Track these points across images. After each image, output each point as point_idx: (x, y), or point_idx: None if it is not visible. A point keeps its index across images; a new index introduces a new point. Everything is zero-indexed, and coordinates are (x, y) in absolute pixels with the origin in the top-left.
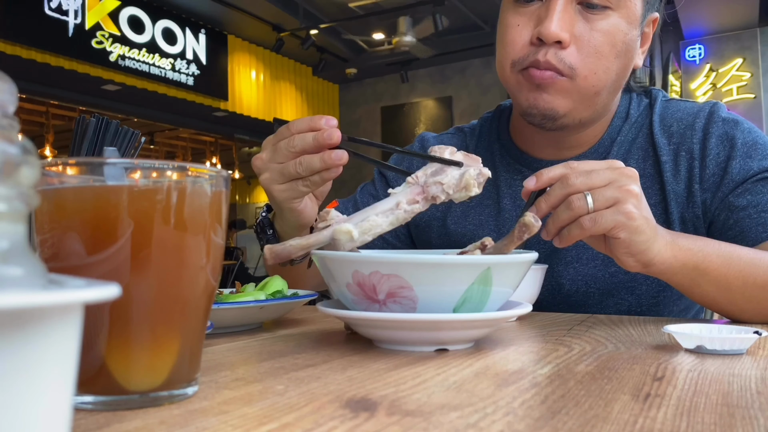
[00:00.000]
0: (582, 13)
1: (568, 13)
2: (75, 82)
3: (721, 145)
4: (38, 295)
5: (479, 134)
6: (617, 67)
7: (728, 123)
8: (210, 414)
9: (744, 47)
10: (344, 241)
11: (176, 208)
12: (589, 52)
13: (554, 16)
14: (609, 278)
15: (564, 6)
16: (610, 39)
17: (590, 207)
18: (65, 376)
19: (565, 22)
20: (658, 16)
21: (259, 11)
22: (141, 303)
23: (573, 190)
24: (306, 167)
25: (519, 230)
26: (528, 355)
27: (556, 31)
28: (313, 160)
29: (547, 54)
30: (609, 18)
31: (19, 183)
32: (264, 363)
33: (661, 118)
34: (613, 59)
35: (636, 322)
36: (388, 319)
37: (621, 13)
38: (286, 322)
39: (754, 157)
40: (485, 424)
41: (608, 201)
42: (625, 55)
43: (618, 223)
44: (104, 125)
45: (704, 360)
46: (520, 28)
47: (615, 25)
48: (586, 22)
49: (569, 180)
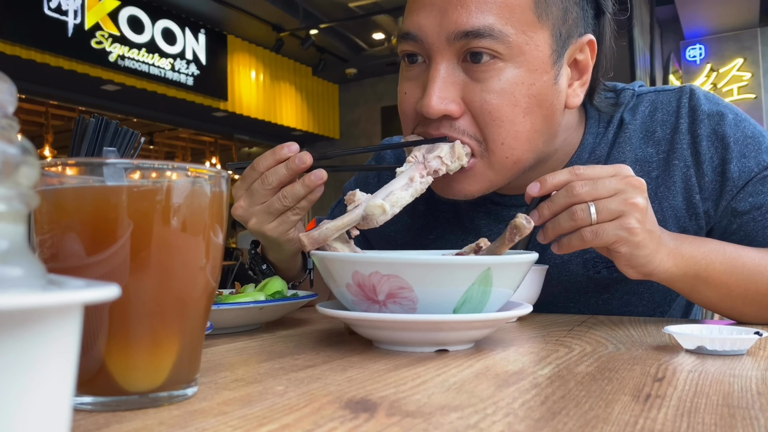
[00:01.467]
0: (469, 72)
1: (451, 77)
2: (74, 82)
3: (713, 147)
4: (38, 296)
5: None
6: (534, 125)
7: (713, 119)
8: (209, 415)
9: (744, 47)
10: (377, 215)
11: (176, 209)
12: (486, 121)
13: (434, 86)
14: (603, 305)
15: (446, 70)
16: (509, 98)
17: (593, 219)
18: (65, 376)
19: (448, 91)
20: (592, 38)
21: (259, 11)
22: (140, 303)
23: (577, 200)
24: (291, 197)
25: (510, 232)
26: (528, 355)
27: (436, 107)
28: (295, 188)
29: (440, 127)
30: (502, 73)
31: (19, 183)
32: (264, 364)
33: (641, 124)
34: (522, 119)
35: (636, 322)
36: (388, 319)
37: (517, 63)
38: (285, 322)
39: (749, 154)
40: (485, 425)
41: (612, 214)
42: (539, 107)
43: (620, 238)
44: (104, 125)
45: (705, 361)
46: (407, 96)
47: (511, 80)
48: (476, 83)
49: (574, 189)
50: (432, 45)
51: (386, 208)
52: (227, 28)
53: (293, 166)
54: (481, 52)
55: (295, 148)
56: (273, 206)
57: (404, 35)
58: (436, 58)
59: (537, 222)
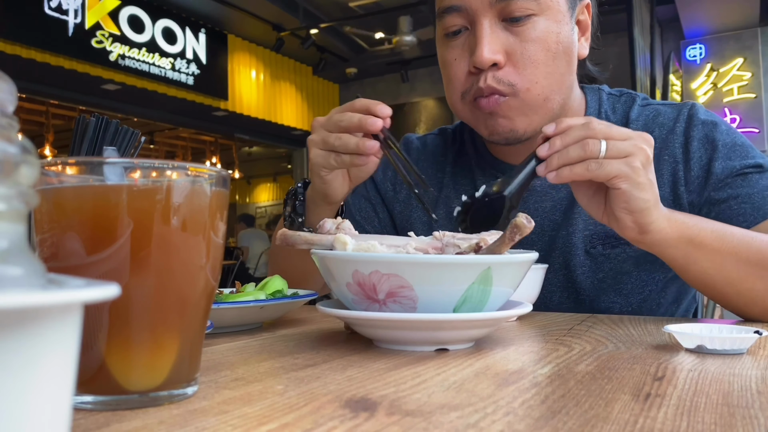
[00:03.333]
0: (509, 29)
1: (495, 34)
2: (75, 81)
3: (703, 148)
4: (37, 295)
5: (461, 138)
6: (560, 68)
7: (707, 125)
8: (210, 414)
9: (745, 47)
10: (338, 249)
11: (176, 208)
12: (526, 65)
13: (483, 41)
14: (598, 283)
15: (490, 29)
16: (543, 45)
17: (602, 154)
18: (65, 375)
19: (495, 44)
20: (589, 2)
21: (259, 11)
22: (140, 303)
23: (592, 135)
24: (342, 144)
25: (511, 231)
26: (528, 354)
27: (488, 57)
28: (350, 139)
29: (486, 80)
30: (536, 25)
31: (19, 182)
32: (264, 363)
33: (644, 124)
34: (552, 62)
35: (636, 321)
36: (388, 318)
37: (547, 15)
38: (286, 321)
39: (734, 158)
40: (485, 424)
41: (620, 152)
42: (565, 54)
43: (622, 173)
44: (104, 125)
45: (705, 360)
46: (457, 61)
47: (544, 30)
48: (515, 37)
49: (591, 124)
50: (477, 10)
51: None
52: (227, 27)
53: (363, 122)
54: (519, 16)
55: (386, 112)
56: (329, 139)
57: (447, 9)
58: (481, 21)
59: (545, 154)
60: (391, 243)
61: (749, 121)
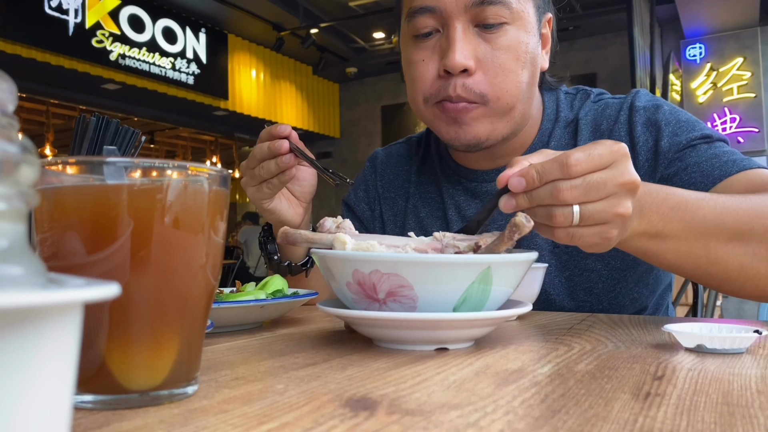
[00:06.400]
0: (481, 35)
1: (468, 39)
2: (75, 81)
3: (648, 132)
4: (38, 295)
5: (426, 145)
6: (526, 78)
7: (649, 110)
8: (210, 413)
9: (744, 46)
10: (338, 248)
11: (176, 207)
12: (496, 72)
13: (456, 45)
14: (566, 282)
15: (463, 33)
16: (514, 54)
17: (575, 221)
18: (65, 375)
19: (467, 50)
20: (551, 16)
21: (260, 10)
22: (141, 302)
23: (561, 204)
24: (266, 170)
25: (510, 230)
26: (528, 354)
27: (460, 61)
28: (270, 164)
29: (456, 88)
30: (507, 33)
31: (19, 182)
32: (264, 362)
33: (593, 119)
34: (521, 71)
35: (636, 321)
36: (388, 318)
37: (518, 25)
38: (286, 321)
39: (680, 133)
40: (485, 423)
41: (595, 221)
42: (531, 63)
43: (593, 245)
44: (104, 124)
45: (704, 359)
46: (425, 62)
47: (515, 39)
48: (486, 44)
49: (561, 194)
50: (450, 13)
51: (347, 248)
52: (228, 27)
53: (273, 148)
54: (493, 23)
55: (284, 132)
56: (255, 173)
57: (420, 10)
58: (454, 24)
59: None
60: (391, 243)
61: (749, 121)
